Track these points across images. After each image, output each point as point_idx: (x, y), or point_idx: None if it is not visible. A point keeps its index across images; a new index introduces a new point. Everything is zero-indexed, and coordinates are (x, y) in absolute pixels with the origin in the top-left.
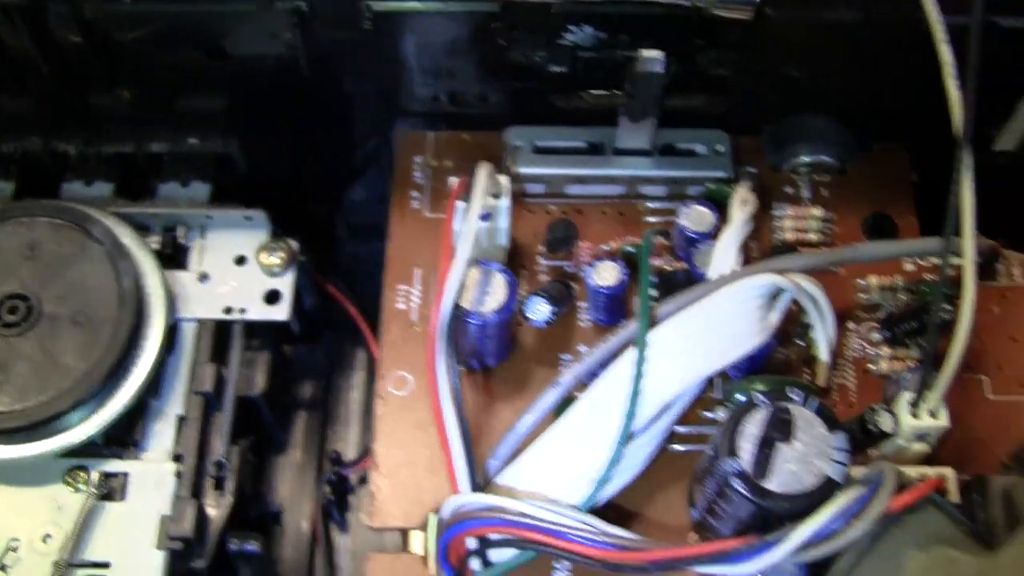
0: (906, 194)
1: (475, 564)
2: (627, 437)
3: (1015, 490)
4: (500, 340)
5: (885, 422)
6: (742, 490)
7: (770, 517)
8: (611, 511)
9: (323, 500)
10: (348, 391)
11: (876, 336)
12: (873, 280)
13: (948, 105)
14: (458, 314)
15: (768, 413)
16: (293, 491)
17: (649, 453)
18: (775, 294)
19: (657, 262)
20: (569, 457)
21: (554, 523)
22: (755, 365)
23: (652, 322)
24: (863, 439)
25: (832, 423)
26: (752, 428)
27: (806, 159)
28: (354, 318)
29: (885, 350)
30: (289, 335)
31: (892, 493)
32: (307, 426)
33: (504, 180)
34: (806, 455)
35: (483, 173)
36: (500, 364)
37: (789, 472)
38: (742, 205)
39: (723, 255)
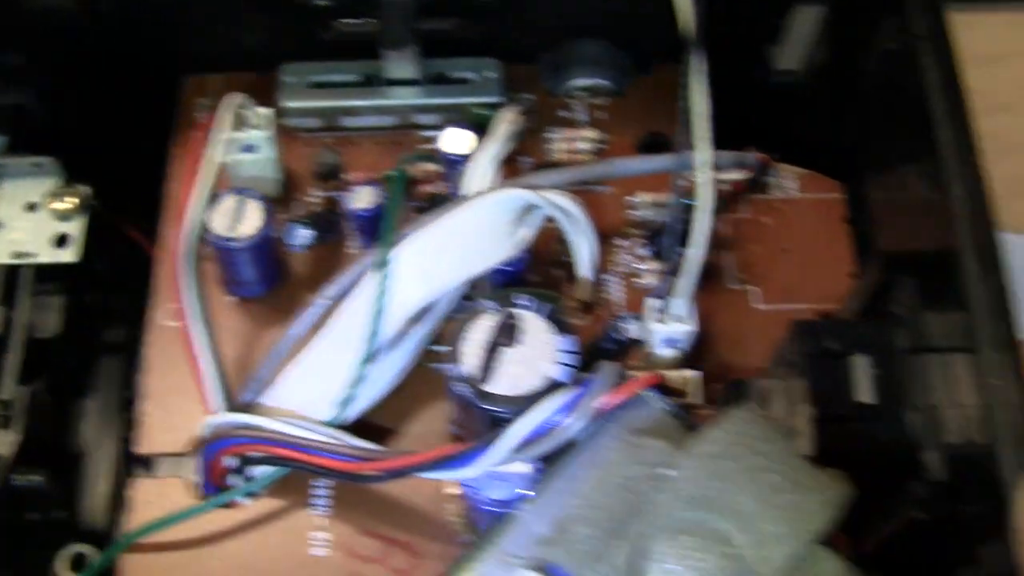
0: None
1: (236, 482)
2: (369, 356)
3: (771, 392)
4: (262, 267)
5: (632, 329)
6: (465, 393)
7: (501, 422)
8: (375, 428)
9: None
10: None
11: (642, 251)
12: (641, 197)
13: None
14: (214, 241)
15: (495, 319)
16: (97, 432)
17: (401, 368)
18: (529, 209)
19: (430, 188)
20: (320, 376)
21: (302, 439)
22: (510, 280)
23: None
24: (615, 349)
25: (562, 327)
26: (478, 334)
27: (581, 83)
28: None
29: (652, 264)
30: (92, 280)
31: (605, 390)
32: (112, 369)
33: (265, 112)
34: (532, 358)
35: (226, 105)
36: (270, 292)
37: (513, 375)
38: (501, 125)
39: (476, 173)
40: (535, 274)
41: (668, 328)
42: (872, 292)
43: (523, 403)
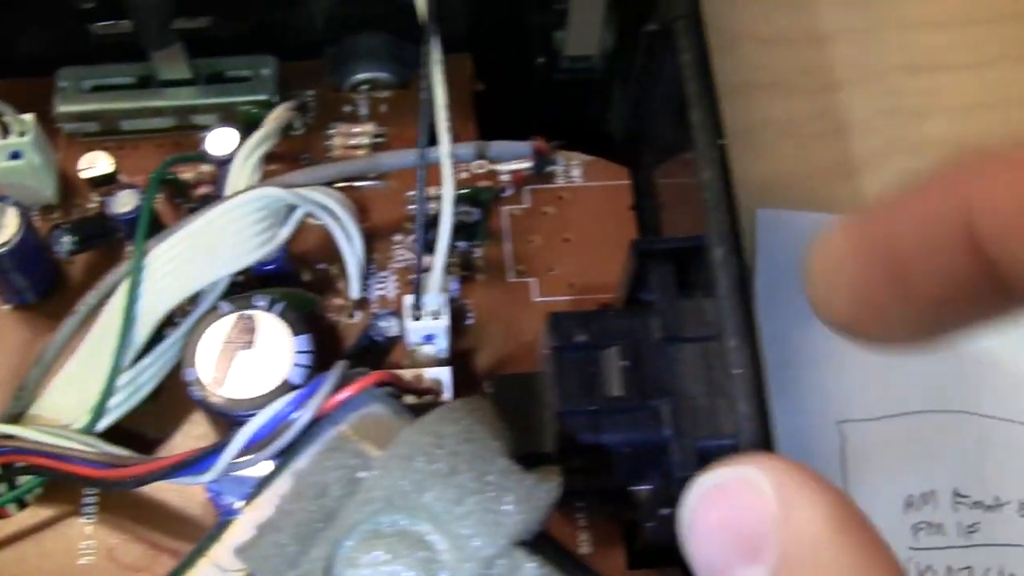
0: (468, 104)
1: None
2: (120, 363)
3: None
4: (29, 274)
5: (391, 327)
6: (199, 397)
7: (240, 425)
8: (138, 435)
9: None
10: None
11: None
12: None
13: None
14: None
15: (230, 321)
16: None
17: (161, 372)
18: (288, 208)
19: (204, 189)
20: (81, 384)
21: (57, 447)
22: (272, 279)
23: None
24: (375, 348)
25: (297, 327)
26: (213, 337)
27: (363, 76)
28: None
29: (427, 259)
30: None
31: (331, 390)
32: None
33: (27, 118)
34: (267, 360)
35: None
36: (43, 298)
37: (247, 377)
38: (268, 122)
39: (236, 173)
40: (308, 273)
41: (423, 324)
42: (630, 281)
43: (258, 405)
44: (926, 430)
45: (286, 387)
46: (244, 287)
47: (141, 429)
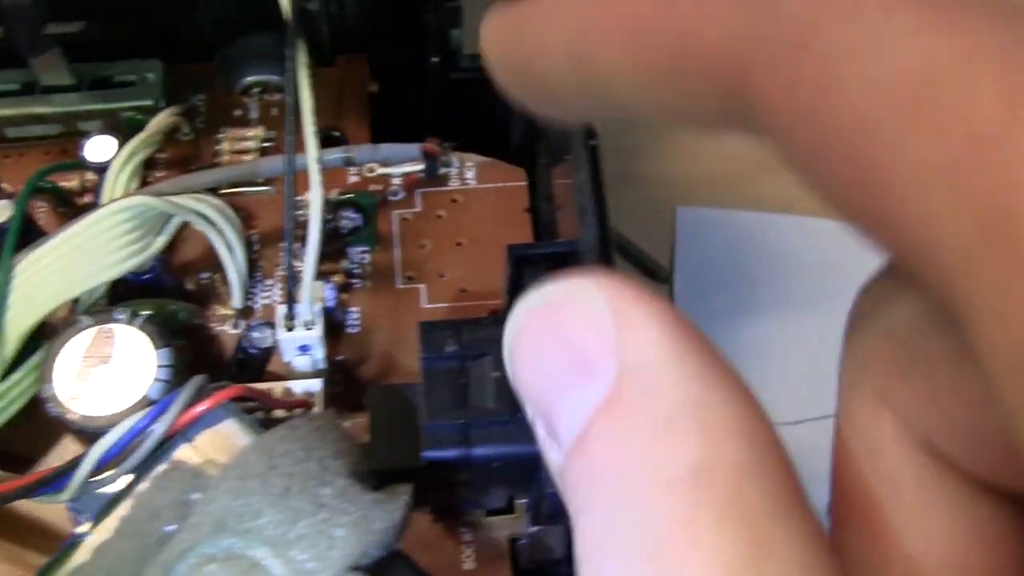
0: (363, 106)
1: None
2: None
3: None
4: None
5: (264, 339)
6: (54, 414)
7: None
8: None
9: None
10: None
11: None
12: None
13: None
14: None
15: (90, 334)
16: None
17: (31, 388)
18: (164, 216)
19: (89, 197)
20: None
21: None
22: (150, 290)
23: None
24: (250, 360)
25: (158, 340)
26: (72, 350)
27: (254, 79)
28: None
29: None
30: None
31: (184, 405)
32: None
33: None
34: (126, 375)
35: None
36: None
37: (105, 393)
38: (148, 127)
39: (112, 180)
40: (192, 282)
41: (296, 335)
42: (509, 288)
43: (115, 422)
44: None
45: (145, 403)
46: (127, 297)
47: (13, 447)
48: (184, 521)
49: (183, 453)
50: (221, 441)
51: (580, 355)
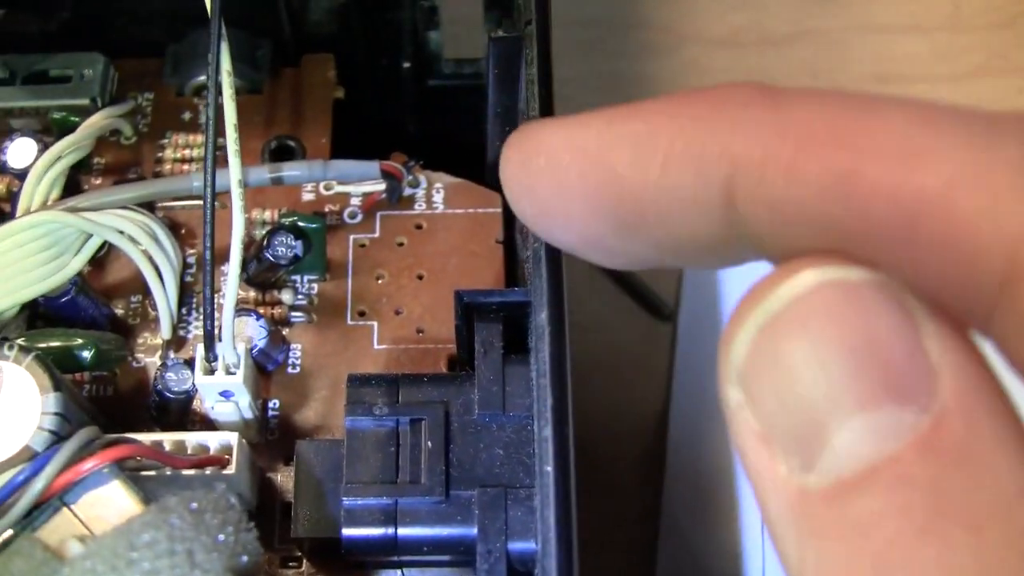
0: (324, 113)
1: None
2: None
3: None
4: None
5: (182, 381)
6: None
7: None
8: None
9: None
10: None
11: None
12: (261, 214)
13: None
14: None
15: None
16: None
17: None
18: (83, 234)
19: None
20: None
21: None
22: (67, 316)
23: None
24: (165, 405)
25: (47, 383)
26: None
27: (204, 79)
28: None
29: (251, 293)
30: None
31: (64, 463)
32: None
33: None
34: (9, 421)
35: None
36: None
37: None
38: (80, 129)
39: (29, 189)
40: (121, 306)
41: (216, 380)
42: (461, 338)
43: None
44: None
45: (27, 454)
46: (49, 320)
47: None
48: None
49: (58, 519)
50: (102, 507)
51: (887, 373)
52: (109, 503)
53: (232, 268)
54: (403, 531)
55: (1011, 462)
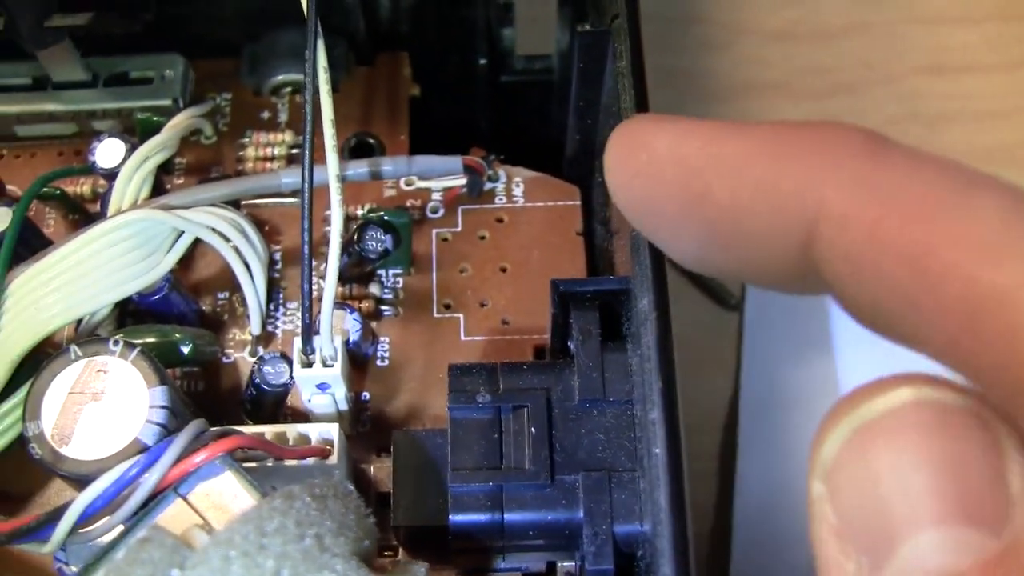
0: (401, 111)
1: None
2: None
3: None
4: None
5: (280, 374)
6: (35, 456)
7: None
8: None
9: None
10: None
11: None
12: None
13: None
14: None
15: (78, 368)
16: None
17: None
18: (175, 232)
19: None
20: None
21: None
22: (159, 313)
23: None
24: (262, 398)
25: (153, 377)
26: (62, 385)
27: (282, 78)
28: None
29: (338, 289)
30: None
31: (177, 456)
32: None
33: None
34: (117, 415)
35: None
36: None
37: (94, 434)
38: (165, 130)
39: (120, 189)
40: (209, 303)
41: (314, 372)
42: (556, 327)
43: (103, 467)
44: None
45: (136, 447)
46: (138, 318)
47: (5, 483)
48: None
49: (173, 510)
50: (217, 497)
51: (966, 494)
52: (223, 493)
53: (331, 262)
54: (509, 516)
55: None
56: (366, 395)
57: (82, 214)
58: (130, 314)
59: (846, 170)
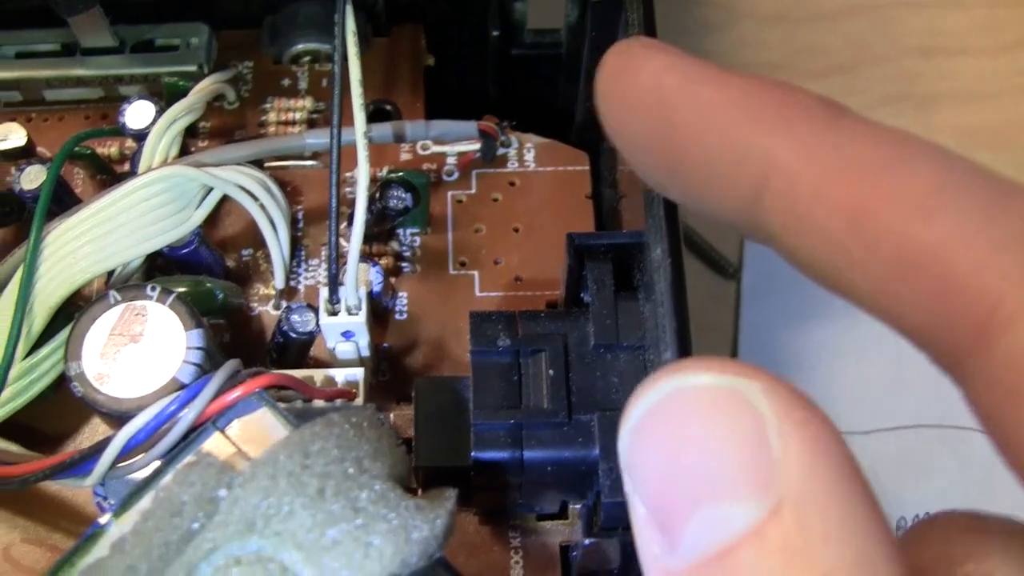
0: (417, 79)
1: None
2: (10, 359)
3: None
4: None
5: (306, 323)
6: (79, 394)
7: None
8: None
9: None
10: None
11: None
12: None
13: None
14: None
15: (118, 311)
16: None
17: (59, 364)
18: (204, 188)
19: (128, 166)
20: None
21: None
22: (187, 265)
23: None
24: (289, 345)
25: (190, 320)
26: (101, 328)
27: (303, 47)
28: None
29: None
30: None
31: (215, 391)
32: None
33: None
34: (155, 355)
35: None
36: None
37: (133, 374)
38: (191, 94)
39: (150, 148)
40: (233, 258)
41: (339, 320)
42: (570, 279)
43: (143, 404)
44: (921, 446)
45: (174, 386)
46: (166, 271)
47: (42, 424)
48: (209, 519)
49: (212, 443)
50: (253, 431)
51: (731, 468)
52: (259, 427)
53: (358, 214)
54: (529, 453)
55: (838, 554)
56: (386, 346)
57: (110, 174)
58: (157, 268)
59: (799, 131)
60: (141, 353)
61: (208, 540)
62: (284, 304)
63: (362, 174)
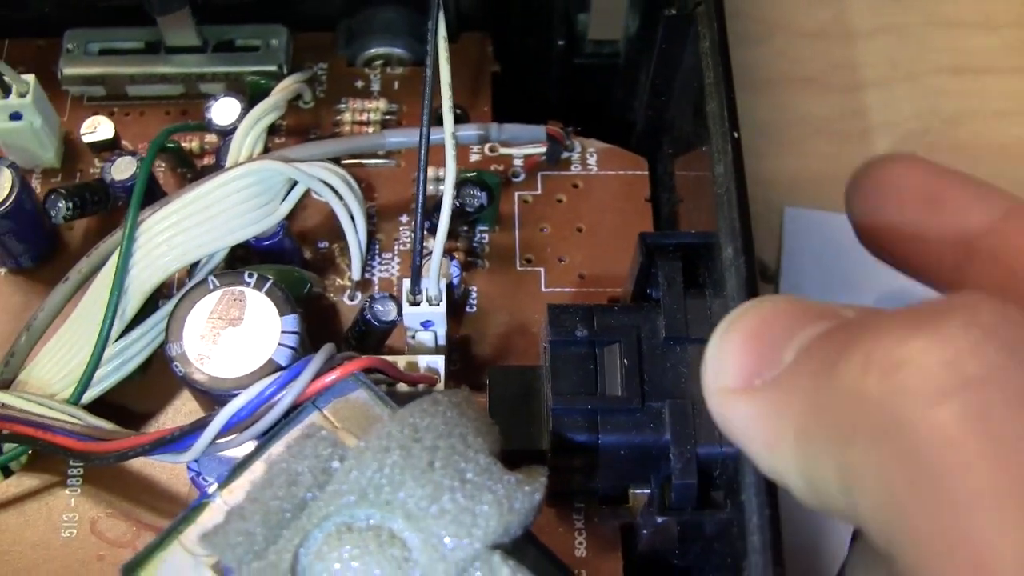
0: (484, 84)
1: None
2: (106, 335)
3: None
4: (23, 237)
5: (388, 312)
6: (180, 374)
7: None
8: (127, 410)
9: None
10: None
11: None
12: (432, 172)
13: None
14: None
15: (217, 296)
16: None
17: (149, 346)
18: (289, 182)
19: (209, 159)
20: (69, 353)
21: (41, 416)
22: (271, 255)
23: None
24: (371, 332)
25: (285, 306)
26: (200, 311)
27: (376, 51)
28: None
29: (432, 241)
30: None
31: (315, 373)
32: None
33: (27, 78)
34: (252, 338)
35: None
36: (41, 264)
37: (232, 356)
38: (274, 93)
39: (237, 143)
40: (310, 250)
41: (420, 310)
42: (638, 276)
43: (241, 385)
44: None
45: (271, 367)
46: (245, 261)
47: (130, 403)
48: (322, 489)
49: (314, 420)
50: (350, 411)
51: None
52: (356, 407)
53: (444, 209)
54: (604, 437)
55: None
56: (458, 336)
57: (190, 167)
58: (238, 259)
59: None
60: (239, 336)
61: (322, 508)
62: (359, 295)
63: (449, 172)
